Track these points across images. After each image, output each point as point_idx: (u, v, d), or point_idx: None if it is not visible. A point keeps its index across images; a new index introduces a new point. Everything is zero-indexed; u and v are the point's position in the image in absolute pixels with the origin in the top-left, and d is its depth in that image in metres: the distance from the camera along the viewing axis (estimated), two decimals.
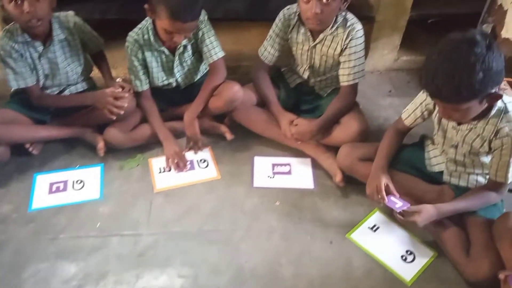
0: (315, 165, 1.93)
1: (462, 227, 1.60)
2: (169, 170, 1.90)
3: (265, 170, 1.92)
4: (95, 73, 2.08)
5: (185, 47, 1.86)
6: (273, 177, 1.90)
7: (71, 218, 1.73)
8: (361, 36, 1.79)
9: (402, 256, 1.63)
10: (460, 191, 1.63)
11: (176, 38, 1.71)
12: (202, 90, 1.90)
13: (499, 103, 1.39)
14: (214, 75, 1.91)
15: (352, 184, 1.82)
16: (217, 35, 1.89)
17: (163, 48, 1.83)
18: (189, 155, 1.96)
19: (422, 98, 1.61)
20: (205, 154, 1.98)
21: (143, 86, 1.90)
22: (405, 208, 1.52)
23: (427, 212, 1.49)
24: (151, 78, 1.92)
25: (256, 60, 1.97)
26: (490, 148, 1.48)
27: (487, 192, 1.55)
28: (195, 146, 1.95)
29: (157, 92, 1.97)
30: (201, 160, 1.95)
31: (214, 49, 1.87)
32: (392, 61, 2.46)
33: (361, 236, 1.69)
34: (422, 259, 1.62)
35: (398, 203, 1.54)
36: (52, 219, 1.73)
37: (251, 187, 1.86)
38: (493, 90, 1.30)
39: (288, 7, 1.85)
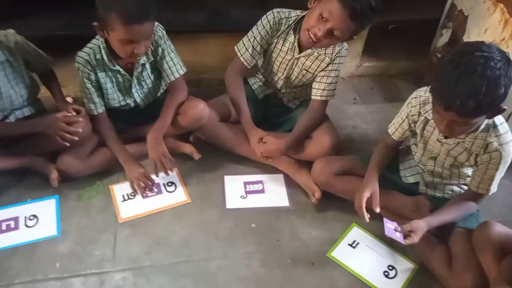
0: (288, 181, 1.86)
1: (441, 238, 1.59)
2: (134, 196, 1.76)
3: (237, 190, 1.83)
4: (44, 92, 1.89)
5: (143, 65, 1.72)
6: (246, 197, 1.81)
7: (26, 260, 1.55)
8: (345, 55, 1.75)
9: (384, 272, 1.60)
10: (436, 201, 1.63)
11: (137, 49, 1.55)
12: (165, 108, 1.77)
13: None
14: (176, 92, 1.78)
15: (327, 199, 1.76)
16: (176, 48, 1.77)
17: (118, 68, 1.68)
18: (155, 178, 1.82)
19: (407, 111, 1.57)
20: (172, 176, 1.84)
21: (98, 109, 1.75)
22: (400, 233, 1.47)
23: (421, 229, 1.45)
24: (106, 100, 1.76)
25: (233, 60, 1.82)
26: (475, 162, 1.47)
27: (467, 202, 1.54)
28: (162, 168, 1.76)
29: (114, 112, 1.82)
30: (168, 183, 1.82)
31: (175, 66, 1.75)
32: (354, 67, 2.44)
33: (342, 254, 1.64)
34: (405, 274, 1.59)
35: (396, 232, 1.47)
36: (4, 263, 1.54)
37: (224, 209, 1.76)
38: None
39: (278, 10, 1.72)
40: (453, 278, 1.47)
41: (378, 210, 1.52)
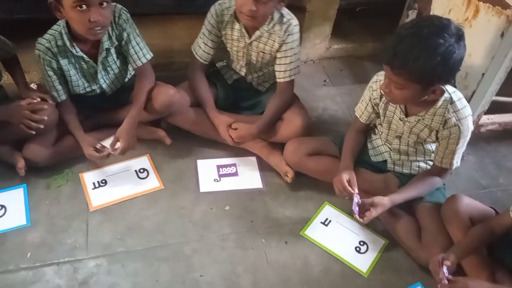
0: (261, 163, 1.88)
1: (410, 212, 1.64)
2: (105, 184, 1.73)
3: (210, 173, 1.83)
4: (6, 78, 1.83)
5: (108, 50, 1.67)
6: (220, 180, 1.81)
7: None
8: (297, 32, 1.74)
9: (356, 248, 1.64)
10: (404, 178, 1.67)
11: (93, 16, 1.46)
12: (136, 96, 1.73)
13: (445, 94, 1.41)
14: (145, 79, 1.75)
15: (300, 179, 1.78)
16: (142, 31, 1.73)
17: (82, 54, 1.63)
18: (125, 164, 1.80)
19: (369, 94, 1.60)
20: (144, 162, 1.82)
21: (61, 96, 1.70)
22: (359, 205, 1.51)
23: (383, 205, 1.50)
24: (70, 87, 1.72)
25: (191, 58, 1.84)
26: (437, 138, 1.52)
27: (432, 177, 1.59)
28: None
29: (81, 98, 1.78)
30: (140, 170, 1.80)
31: (141, 51, 1.71)
32: (324, 49, 2.46)
33: (315, 232, 1.67)
34: (375, 249, 1.64)
35: (357, 206, 1.52)
36: None
37: (197, 193, 1.75)
38: (441, 85, 1.32)
39: (219, 2, 1.73)
40: (422, 249, 1.53)
41: (356, 190, 1.55)
